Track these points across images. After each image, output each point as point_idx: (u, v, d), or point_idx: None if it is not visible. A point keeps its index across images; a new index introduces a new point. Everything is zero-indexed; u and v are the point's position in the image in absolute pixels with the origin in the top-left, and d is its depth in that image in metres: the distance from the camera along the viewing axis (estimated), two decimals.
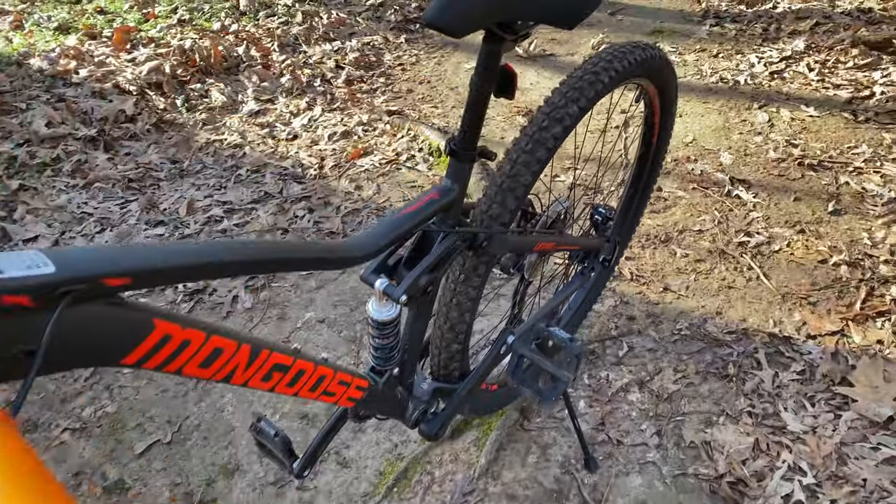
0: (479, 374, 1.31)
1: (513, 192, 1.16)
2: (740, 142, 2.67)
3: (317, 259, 0.87)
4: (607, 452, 1.64)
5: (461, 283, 1.22)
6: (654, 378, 1.80)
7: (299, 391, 0.94)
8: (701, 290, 2.05)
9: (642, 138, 1.68)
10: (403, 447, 1.68)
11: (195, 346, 0.75)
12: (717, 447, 1.62)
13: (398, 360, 1.18)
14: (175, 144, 2.84)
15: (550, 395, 1.26)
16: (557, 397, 1.26)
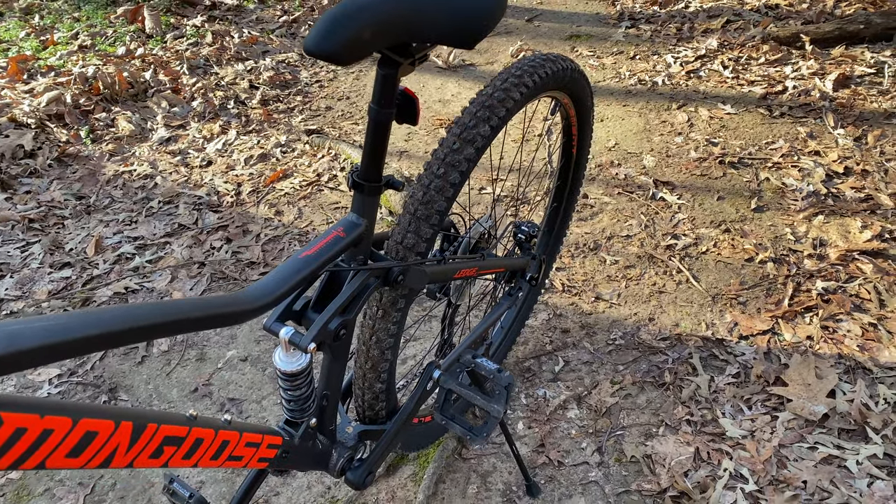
0: (407, 412, 1.23)
1: (427, 221, 1.10)
2: (662, 143, 2.68)
3: (211, 317, 0.79)
4: (549, 475, 1.59)
5: (379, 319, 1.15)
6: (591, 392, 1.76)
7: (199, 461, 0.85)
8: (632, 296, 2.03)
9: (562, 149, 1.64)
10: (337, 489, 1.59)
11: (59, 435, 0.65)
12: (658, 460, 1.58)
13: (315, 410, 1.09)
14: (80, 179, 2.67)
15: (482, 431, 1.20)
16: (490, 433, 1.19)
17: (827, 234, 2.14)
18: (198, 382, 1.87)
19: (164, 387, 1.87)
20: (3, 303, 2.14)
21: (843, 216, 2.19)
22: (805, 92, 2.84)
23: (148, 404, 1.82)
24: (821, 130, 2.62)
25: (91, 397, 1.84)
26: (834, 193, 2.29)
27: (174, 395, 1.85)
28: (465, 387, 1.21)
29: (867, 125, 2.60)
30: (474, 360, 1.22)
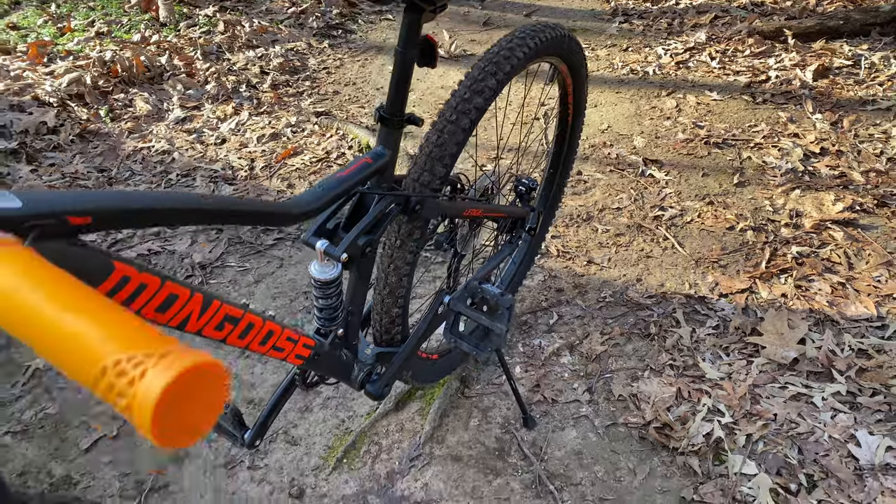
0: (419, 335, 1.39)
1: (441, 161, 1.25)
2: (651, 126, 2.84)
3: (265, 213, 0.94)
4: (543, 411, 1.74)
5: (397, 248, 1.30)
6: (582, 342, 1.92)
7: (250, 344, 1.00)
8: (622, 261, 2.19)
9: (559, 118, 1.80)
10: (350, 422, 1.75)
11: (151, 291, 0.80)
12: (643, 398, 1.74)
13: (342, 322, 1.25)
14: (101, 154, 2.82)
15: (487, 346, 1.35)
16: (493, 349, 1.35)
17: (803, 206, 2.30)
18: None
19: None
20: None
21: (818, 191, 2.36)
22: (787, 81, 3.01)
23: None
24: (800, 115, 2.79)
25: None
26: (810, 171, 2.46)
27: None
28: (471, 309, 1.37)
29: (843, 111, 2.78)
30: (480, 286, 1.38)
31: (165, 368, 0.31)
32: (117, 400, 0.31)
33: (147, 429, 0.30)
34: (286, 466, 1.64)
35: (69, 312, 0.33)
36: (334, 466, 1.64)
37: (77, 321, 0.33)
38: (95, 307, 0.34)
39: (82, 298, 0.35)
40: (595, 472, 1.60)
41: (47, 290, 0.35)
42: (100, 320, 0.33)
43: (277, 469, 1.64)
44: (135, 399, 0.30)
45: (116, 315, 0.34)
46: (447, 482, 1.60)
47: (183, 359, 0.31)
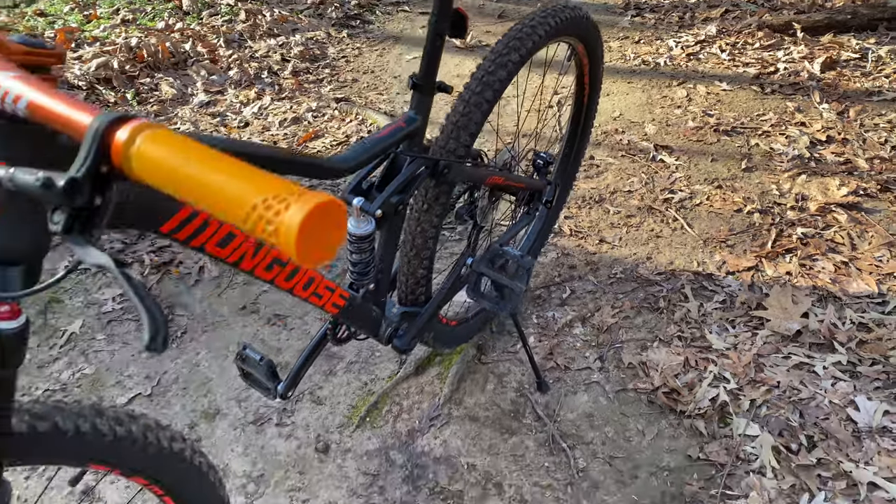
0: (443, 294, 1.48)
1: (466, 129, 1.34)
2: (662, 115, 2.92)
3: (315, 166, 1.03)
4: (556, 377, 1.83)
5: (424, 212, 1.39)
6: (594, 314, 2.00)
7: (294, 287, 1.09)
8: (632, 240, 2.27)
9: (575, 99, 1.88)
10: (373, 384, 1.84)
11: (213, 228, 0.90)
12: (652, 366, 1.82)
13: (373, 278, 1.34)
14: None
15: (507, 304, 1.44)
16: (512, 306, 1.44)
17: (808, 190, 2.38)
18: (246, 301, 2.12)
19: (216, 304, 2.11)
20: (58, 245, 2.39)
21: (824, 176, 2.43)
22: (795, 73, 3.09)
23: (202, 319, 2.06)
24: (807, 105, 2.87)
25: None
26: (816, 157, 2.54)
27: (225, 311, 2.09)
28: (492, 269, 1.46)
29: (850, 102, 2.85)
30: (502, 249, 1.46)
31: (304, 203, 0.39)
32: (266, 227, 0.40)
33: (292, 248, 0.39)
34: (312, 424, 1.74)
35: (222, 171, 0.42)
36: (358, 424, 1.73)
37: (230, 176, 0.42)
38: (240, 166, 0.43)
39: (227, 161, 0.43)
40: (606, 432, 1.68)
41: (200, 158, 0.43)
42: (247, 174, 0.42)
43: (304, 426, 1.73)
44: (282, 225, 0.39)
45: (258, 170, 0.43)
46: (465, 440, 1.68)
47: (316, 196, 0.40)
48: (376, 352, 1.94)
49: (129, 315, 2.09)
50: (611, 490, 1.56)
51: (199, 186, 0.42)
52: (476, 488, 1.58)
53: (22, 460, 0.78)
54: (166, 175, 0.44)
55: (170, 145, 0.45)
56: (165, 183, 0.44)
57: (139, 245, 2.34)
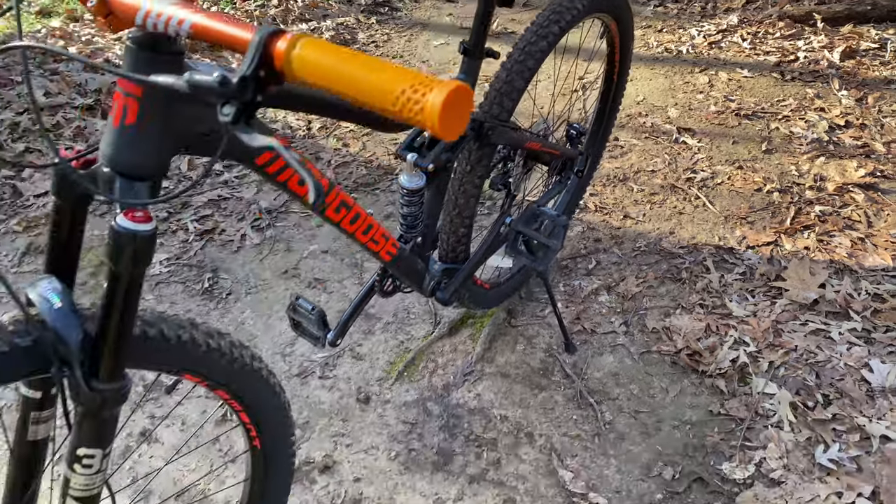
0: (482, 252, 1.58)
1: (508, 96, 1.44)
2: (684, 99, 3.01)
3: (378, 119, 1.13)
4: (583, 339, 1.93)
5: (468, 173, 1.49)
6: (619, 283, 2.10)
7: (356, 231, 1.19)
8: (656, 216, 2.36)
9: (605, 76, 1.98)
10: (409, 343, 1.94)
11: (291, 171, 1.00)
12: (675, 331, 1.92)
13: (420, 232, 1.44)
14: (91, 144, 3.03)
15: (543, 260, 1.54)
16: (548, 262, 1.53)
17: (826, 171, 2.46)
18: (287, 266, 2.23)
19: (259, 269, 2.22)
20: None
21: (842, 158, 2.52)
22: (815, 61, 3.16)
23: (245, 283, 2.17)
24: (827, 92, 2.95)
25: (196, 276, 2.20)
26: (835, 141, 2.62)
27: (267, 275, 2.20)
28: (529, 228, 1.56)
29: (868, 89, 2.92)
30: (539, 208, 1.56)
31: (444, 87, 0.49)
32: (413, 107, 0.50)
33: (435, 122, 0.49)
34: (353, 377, 1.84)
35: (369, 67, 0.52)
36: (396, 378, 1.84)
37: (377, 70, 0.52)
38: (382, 63, 0.53)
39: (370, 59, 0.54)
40: (631, 389, 1.78)
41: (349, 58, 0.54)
42: (389, 68, 0.52)
43: (346, 379, 1.84)
44: (427, 104, 0.49)
45: (397, 66, 0.53)
46: (497, 394, 1.79)
47: (451, 83, 0.50)
48: (411, 314, 2.04)
49: (176, 278, 2.20)
50: (636, 441, 1.66)
51: (352, 80, 0.53)
52: (508, 437, 1.68)
53: (135, 363, 0.88)
54: (323, 73, 0.54)
55: (323, 49, 0.55)
56: (322, 79, 0.54)
57: (183, 214, 2.45)
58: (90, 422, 0.82)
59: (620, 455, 1.63)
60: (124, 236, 0.74)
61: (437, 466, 1.62)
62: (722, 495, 1.53)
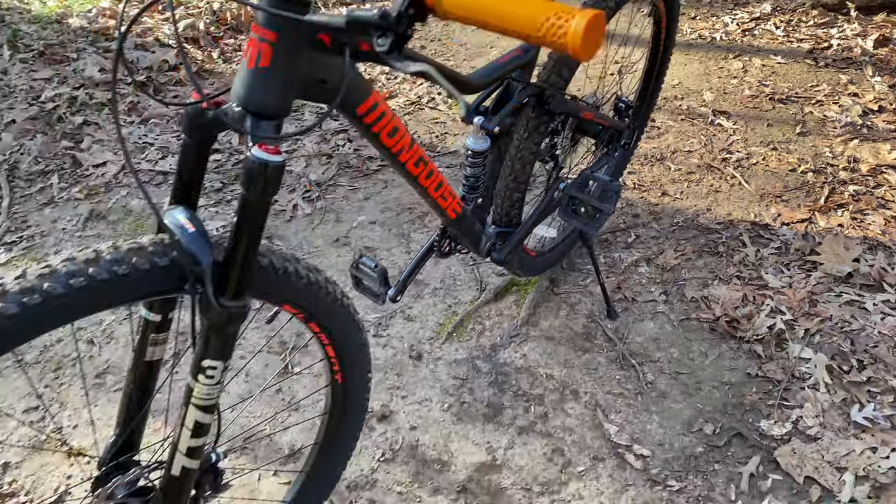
0: (535, 216, 1.67)
1: (567, 65, 1.52)
2: (719, 84, 3.07)
3: (454, 78, 1.22)
4: (624, 307, 2.01)
5: (525, 139, 1.57)
6: (658, 256, 2.18)
7: (430, 185, 1.29)
8: (693, 193, 2.44)
9: (650, 55, 2.06)
10: (456, 307, 2.03)
11: (387, 118, 1.10)
12: (713, 300, 2.00)
13: (481, 193, 1.53)
14: (217, 88, 3.14)
15: (595, 224, 1.63)
16: (601, 226, 1.62)
17: (860, 153, 2.53)
18: (338, 235, 2.32)
19: (311, 237, 2.32)
20: (170, 175, 2.62)
21: (875, 141, 2.58)
22: (848, 48, 3.22)
23: (299, 249, 2.27)
24: (860, 78, 3.00)
25: None
26: (868, 125, 2.68)
27: (319, 242, 2.30)
28: (583, 192, 1.64)
29: None
30: (592, 174, 1.65)
31: (584, 14, 0.58)
32: (557, 31, 0.59)
33: (577, 44, 0.58)
34: (405, 336, 1.94)
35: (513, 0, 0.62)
36: (446, 338, 1.93)
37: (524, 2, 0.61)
38: None
39: None
40: (671, 353, 1.86)
41: None
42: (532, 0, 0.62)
43: (398, 338, 1.94)
44: (570, 28, 0.58)
45: None
46: (542, 355, 1.88)
47: (591, 11, 0.59)
48: (457, 281, 2.13)
49: None
50: (677, 399, 1.74)
51: (499, 12, 0.62)
52: (554, 393, 1.77)
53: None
54: (472, 6, 0.63)
55: None
56: (471, 12, 0.63)
57: (237, 185, 2.56)
58: (216, 336, 0.92)
59: (662, 412, 1.72)
60: (258, 166, 0.83)
61: (488, 418, 1.72)
62: (760, 449, 1.61)
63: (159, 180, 2.61)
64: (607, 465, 1.61)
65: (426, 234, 2.30)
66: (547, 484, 1.57)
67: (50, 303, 0.80)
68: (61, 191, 2.56)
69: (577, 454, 1.63)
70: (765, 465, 1.58)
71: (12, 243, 2.33)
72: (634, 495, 1.54)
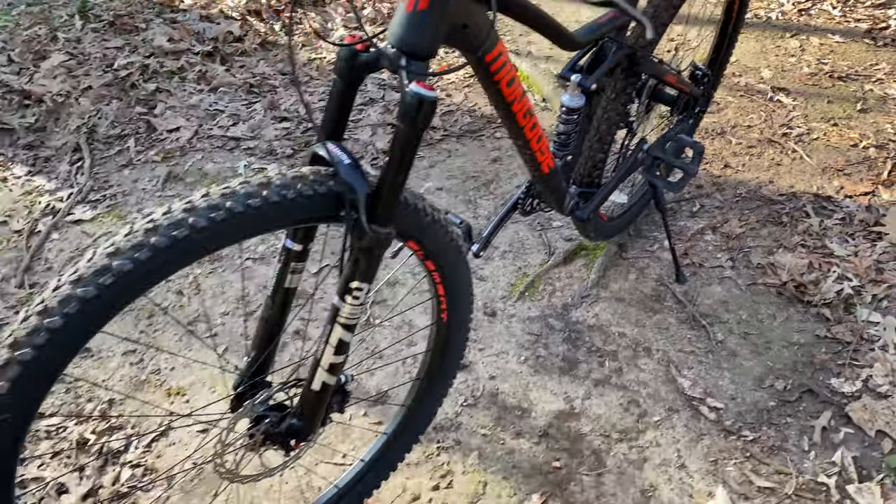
0: (619, 176, 1.73)
1: (655, 30, 1.58)
2: (777, 62, 3.10)
3: (558, 32, 1.29)
4: (692, 272, 2.07)
5: (612, 100, 1.63)
6: (722, 225, 2.23)
7: (533, 138, 1.35)
8: (754, 166, 2.48)
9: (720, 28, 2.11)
10: (526, 269, 2.10)
11: (508, 68, 1.17)
12: (779, 266, 2.05)
13: (570, 152, 1.60)
14: (281, 60, 3.23)
15: (679, 185, 1.69)
16: (684, 186, 1.68)
17: None
18: None
19: None
20: (241, 141, 2.71)
21: None
22: None
23: None
24: None
25: None
26: None
27: None
28: (667, 153, 1.70)
29: None
30: (677, 135, 1.71)
31: None
32: None
33: None
34: (478, 295, 2.01)
35: None
36: (518, 297, 2.01)
37: None
38: None
39: None
40: (740, 315, 1.92)
41: None
42: None
43: None
44: None
45: None
46: (614, 315, 1.94)
47: None
48: (526, 245, 2.20)
49: None
50: (747, 357, 1.80)
51: None
52: (627, 350, 1.84)
53: None
54: None
55: None
56: None
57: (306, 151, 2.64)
58: (365, 259, 1.00)
59: (733, 369, 1.78)
60: (415, 101, 0.91)
61: (564, 371, 1.79)
62: (831, 405, 1.67)
63: (231, 146, 2.70)
64: (682, 416, 1.67)
65: (492, 202, 2.38)
66: (625, 431, 1.65)
67: (231, 220, 0.88)
68: (138, 153, 2.66)
69: (652, 405, 1.70)
70: (836, 419, 1.64)
71: (97, 201, 2.44)
72: (710, 444, 1.61)
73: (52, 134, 2.74)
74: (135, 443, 1.64)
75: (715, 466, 1.56)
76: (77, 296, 0.81)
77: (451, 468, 1.58)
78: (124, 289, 0.84)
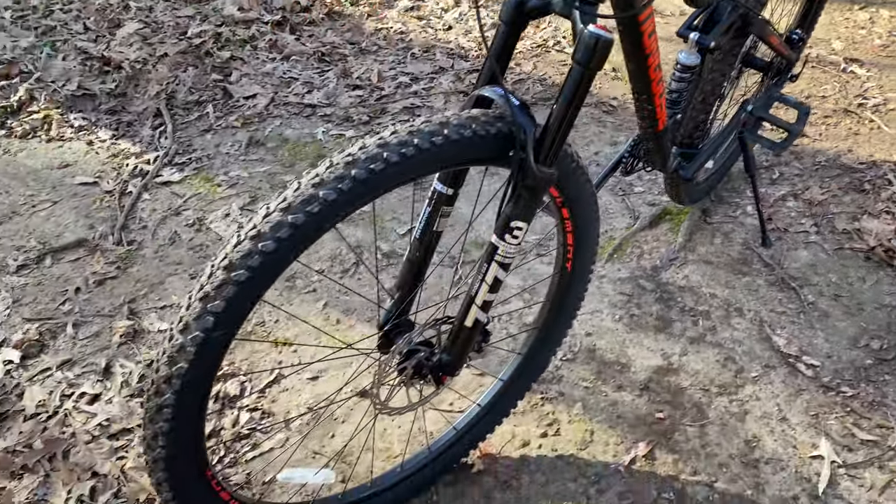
0: (720, 138, 1.76)
1: None
2: (847, 34, 3.09)
3: None
4: (777, 237, 2.09)
5: (718, 62, 1.66)
6: (804, 192, 2.25)
7: (658, 92, 1.38)
8: (831, 136, 2.49)
9: None
10: (612, 233, 2.14)
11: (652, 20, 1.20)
12: (865, 232, 2.07)
13: (680, 110, 1.63)
14: (349, 30, 3.27)
15: (783, 144, 1.71)
16: (788, 146, 1.71)
17: None
18: None
19: None
20: (317, 108, 2.76)
21: None
22: None
23: None
24: None
25: None
26: None
27: None
28: (771, 113, 1.73)
29: None
30: (780, 97, 1.73)
31: None
32: None
33: None
34: None
35: None
36: (607, 259, 2.04)
37: None
38: None
39: None
40: (829, 277, 1.95)
41: None
42: None
43: None
44: None
45: None
46: (703, 277, 1.98)
47: None
48: (609, 210, 2.23)
49: None
50: (839, 318, 1.83)
51: None
52: (720, 310, 1.88)
53: None
54: None
55: None
56: None
57: (382, 118, 2.68)
58: (527, 199, 1.04)
59: (827, 329, 1.81)
60: (593, 41, 0.94)
61: (659, 329, 1.83)
62: None
63: (308, 112, 2.75)
64: (779, 372, 1.71)
65: None
66: (724, 386, 1.68)
67: (418, 155, 0.93)
68: (217, 119, 2.71)
69: (748, 362, 1.74)
70: None
71: (183, 164, 2.50)
72: (809, 399, 1.65)
73: (133, 99, 2.81)
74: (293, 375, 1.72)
75: (816, 420, 1.60)
76: (287, 222, 0.86)
77: (556, 417, 1.63)
78: (327, 217, 0.89)
